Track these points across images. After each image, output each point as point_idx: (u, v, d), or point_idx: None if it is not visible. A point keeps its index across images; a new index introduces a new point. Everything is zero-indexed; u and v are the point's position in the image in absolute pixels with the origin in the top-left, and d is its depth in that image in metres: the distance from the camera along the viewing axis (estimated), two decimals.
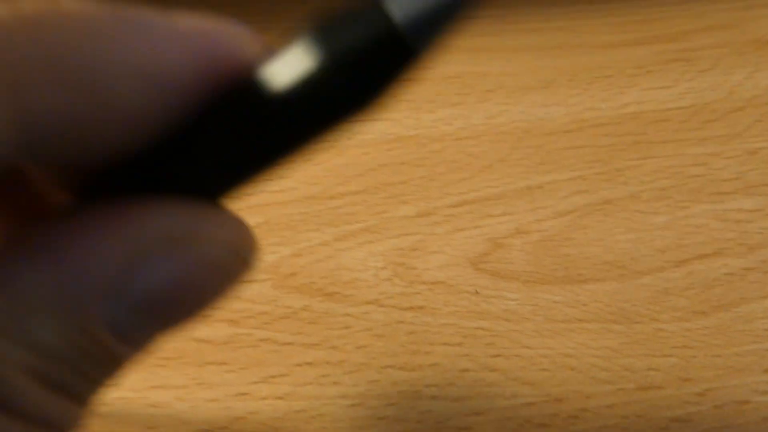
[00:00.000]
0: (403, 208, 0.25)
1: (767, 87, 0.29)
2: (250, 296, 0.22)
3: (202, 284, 0.10)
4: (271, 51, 0.10)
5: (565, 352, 0.21)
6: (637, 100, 0.28)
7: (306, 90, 0.09)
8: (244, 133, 0.10)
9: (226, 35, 0.10)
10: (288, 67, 0.09)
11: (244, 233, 0.11)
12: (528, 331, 0.22)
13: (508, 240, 0.24)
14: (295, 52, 0.09)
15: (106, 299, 0.09)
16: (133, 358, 0.10)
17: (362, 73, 0.09)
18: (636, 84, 0.29)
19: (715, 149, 0.27)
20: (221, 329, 0.22)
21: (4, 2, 0.09)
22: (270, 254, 0.23)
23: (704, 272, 0.23)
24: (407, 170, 0.25)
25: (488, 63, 0.30)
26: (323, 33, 0.09)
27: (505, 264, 0.23)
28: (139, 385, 0.21)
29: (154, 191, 0.10)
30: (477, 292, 0.23)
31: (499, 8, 0.32)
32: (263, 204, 0.24)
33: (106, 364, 0.10)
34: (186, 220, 0.10)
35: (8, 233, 0.12)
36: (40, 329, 0.09)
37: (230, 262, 0.11)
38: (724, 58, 0.30)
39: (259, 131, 0.10)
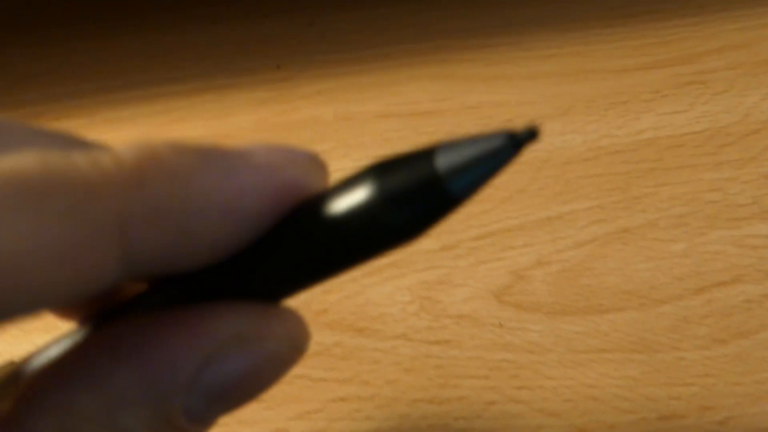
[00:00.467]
0: (427, 242, 0.25)
1: None
2: None
3: (265, 373, 0.12)
4: (332, 182, 0.12)
5: (588, 383, 0.22)
6: (653, 125, 0.29)
7: (357, 219, 0.11)
8: (303, 249, 0.11)
9: (295, 167, 0.11)
10: (345, 197, 0.11)
11: (301, 326, 0.12)
12: (551, 362, 0.23)
13: (530, 271, 0.25)
14: (353, 185, 0.11)
15: (185, 392, 0.11)
16: None
17: (406, 211, 0.11)
18: (652, 109, 0.29)
19: (730, 174, 0.27)
20: None
21: (83, 151, 0.10)
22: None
23: (723, 299, 0.24)
24: None
25: (505, 91, 0.31)
26: (379, 172, 0.11)
27: (527, 296, 0.24)
28: None
29: (224, 293, 0.12)
30: (501, 325, 0.23)
31: (513, 35, 0.33)
32: None
33: None
34: (252, 321, 0.12)
35: (83, 316, 0.14)
36: (130, 419, 0.11)
37: (289, 353, 0.12)
38: (739, 79, 0.30)
39: (316, 249, 0.11)
